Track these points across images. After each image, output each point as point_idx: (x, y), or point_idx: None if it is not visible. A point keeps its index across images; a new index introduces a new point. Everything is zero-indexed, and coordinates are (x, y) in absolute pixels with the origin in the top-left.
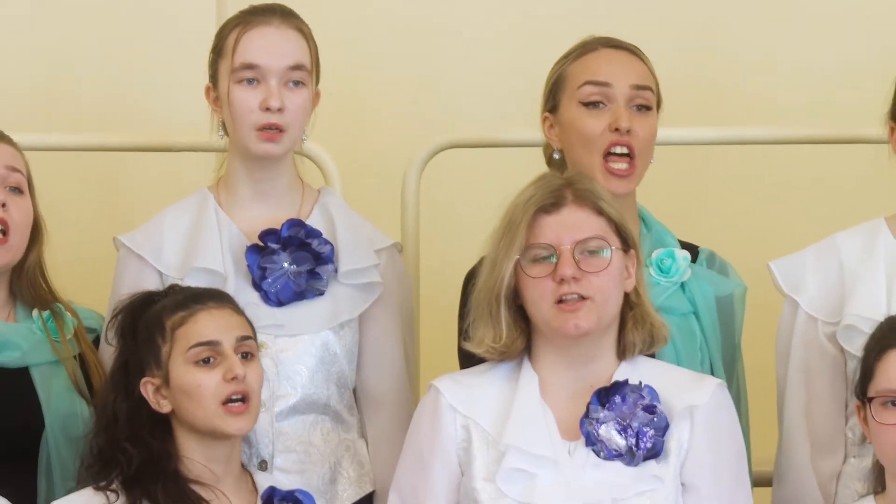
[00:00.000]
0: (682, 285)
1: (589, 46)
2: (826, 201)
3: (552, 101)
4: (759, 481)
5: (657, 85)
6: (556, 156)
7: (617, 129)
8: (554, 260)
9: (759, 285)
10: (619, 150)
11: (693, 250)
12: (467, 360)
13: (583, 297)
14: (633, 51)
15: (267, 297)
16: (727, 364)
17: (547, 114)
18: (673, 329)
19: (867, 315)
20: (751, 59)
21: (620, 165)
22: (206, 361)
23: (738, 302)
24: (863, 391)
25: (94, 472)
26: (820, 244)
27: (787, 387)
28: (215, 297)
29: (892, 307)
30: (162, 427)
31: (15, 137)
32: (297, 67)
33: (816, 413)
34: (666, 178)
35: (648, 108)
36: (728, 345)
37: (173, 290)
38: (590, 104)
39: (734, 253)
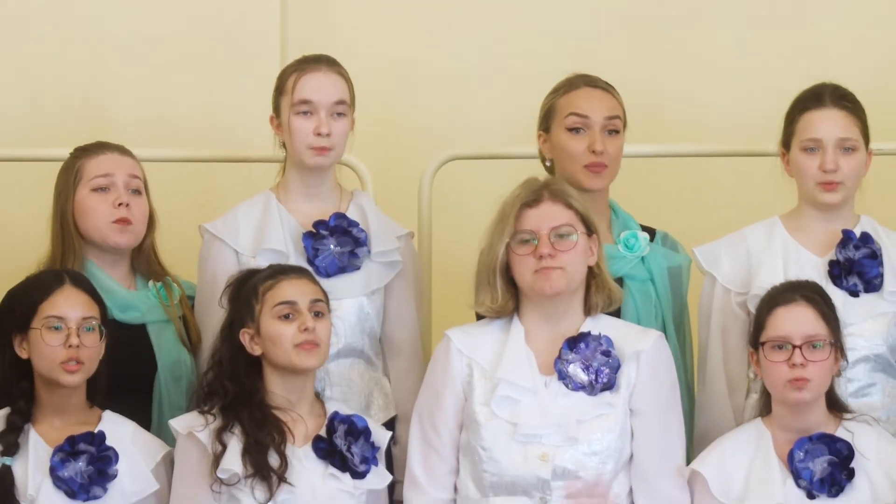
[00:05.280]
0: (643, 259)
1: (574, 84)
2: (737, 202)
3: (545, 123)
4: None
5: (624, 112)
6: (548, 164)
7: (594, 151)
8: (535, 242)
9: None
10: (594, 169)
11: (652, 232)
12: (479, 317)
13: (555, 268)
14: (606, 88)
15: (318, 271)
16: (676, 318)
17: (541, 132)
18: (635, 292)
19: (769, 287)
20: (681, 91)
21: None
22: (286, 317)
23: (685, 272)
24: (755, 339)
25: (200, 400)
26: (732, 235)
27: (708, 342)
28: (296, 270)
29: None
30: (254, 368)
31: (134, 152)
32: (340, 102)
33: (730, 361)
34: (635, 182)
35: (617, 132)
36: (678, 304)
37: (268, 268)
38: (573, 130)
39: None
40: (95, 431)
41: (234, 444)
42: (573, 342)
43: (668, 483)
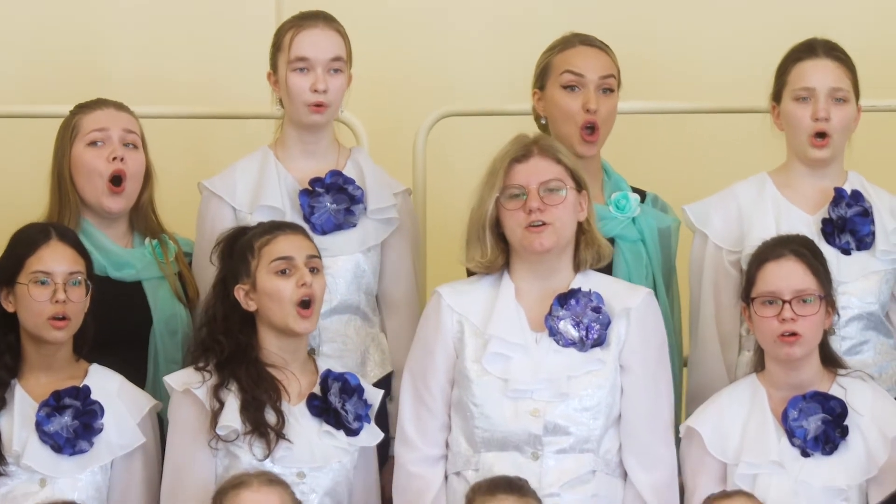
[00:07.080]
0: (634, 220)
1: (569, 42)
2: (728, 159)
3: (541, 81)
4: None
5: (619, 71)
6: (543, 121)
7: (587, 110)
8: (524, 197)
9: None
10: (588, 137)
11: (642, 193)
12: (470, 274)
13: (545, 223)
14: (601, 47)
15: (314, 228)
16: (666, 278)
17: (536, 90)
18: (626, 252)
19: None
20: (674, 47)
21: (589, 134)
22: (283, 272)
23: (674, 233)
24: (747, 295)
25: (195, 357)
26: (721, 193)
27: (700, 300)
28: (291, 226)
29: None
30: (248, 325)
31: (131, 109)
32: (337, 59)
33: (722, 319)
34: (625, 138)
35: (611, 91)
36: (667, 264)
37: (260, 224)
38: (567, 87)
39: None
40: (81, 386)
41: (232, 402)
42: (564, 298)
43: (656, 440)
